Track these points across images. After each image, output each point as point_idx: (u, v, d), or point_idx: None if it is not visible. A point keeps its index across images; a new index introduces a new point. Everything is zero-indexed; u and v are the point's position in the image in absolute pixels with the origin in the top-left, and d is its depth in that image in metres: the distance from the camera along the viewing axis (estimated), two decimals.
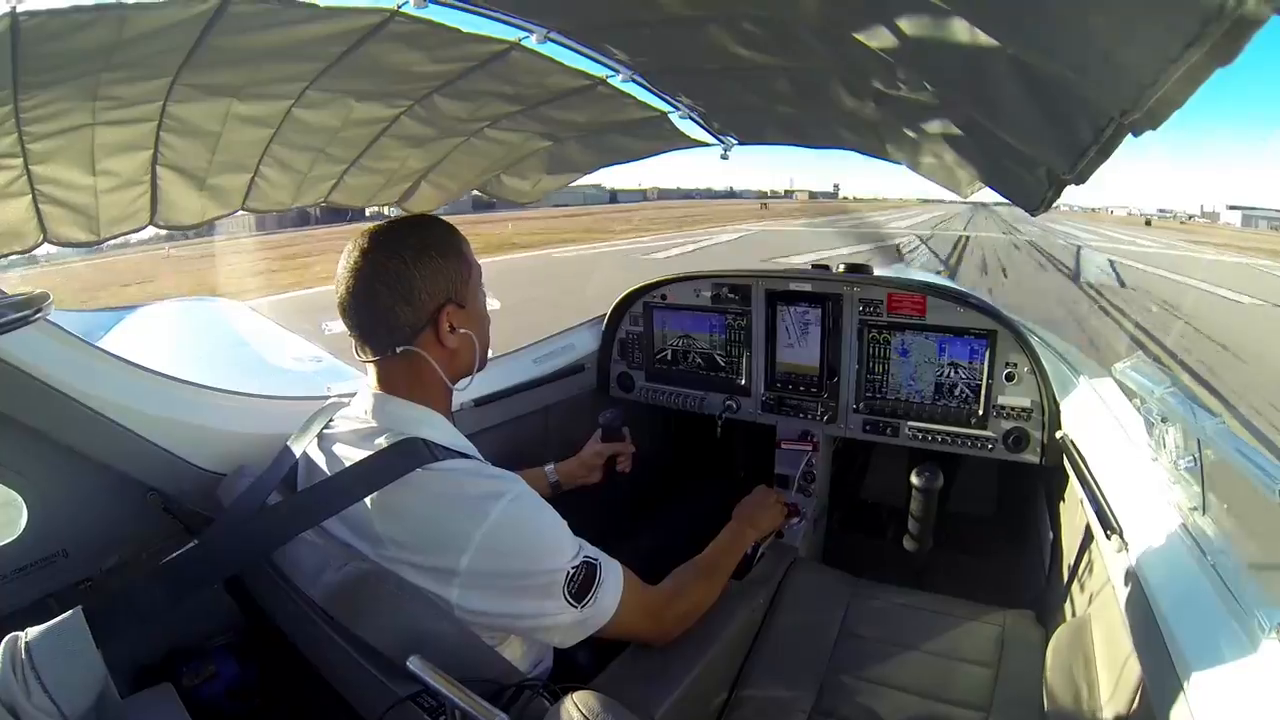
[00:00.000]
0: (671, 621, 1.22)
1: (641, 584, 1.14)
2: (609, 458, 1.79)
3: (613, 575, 1.06)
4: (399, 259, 1.00)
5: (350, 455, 1.04)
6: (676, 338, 2.41)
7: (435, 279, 1.03)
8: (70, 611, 0.78)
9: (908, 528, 1.93)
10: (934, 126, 1.21)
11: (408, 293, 1.01)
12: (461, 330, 1.07)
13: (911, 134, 1.33)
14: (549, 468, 1.75)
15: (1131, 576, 1.05)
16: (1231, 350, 9.51)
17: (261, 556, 1.01)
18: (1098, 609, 1.28)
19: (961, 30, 0.69)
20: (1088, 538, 1.43)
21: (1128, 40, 0.55)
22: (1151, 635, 0.91)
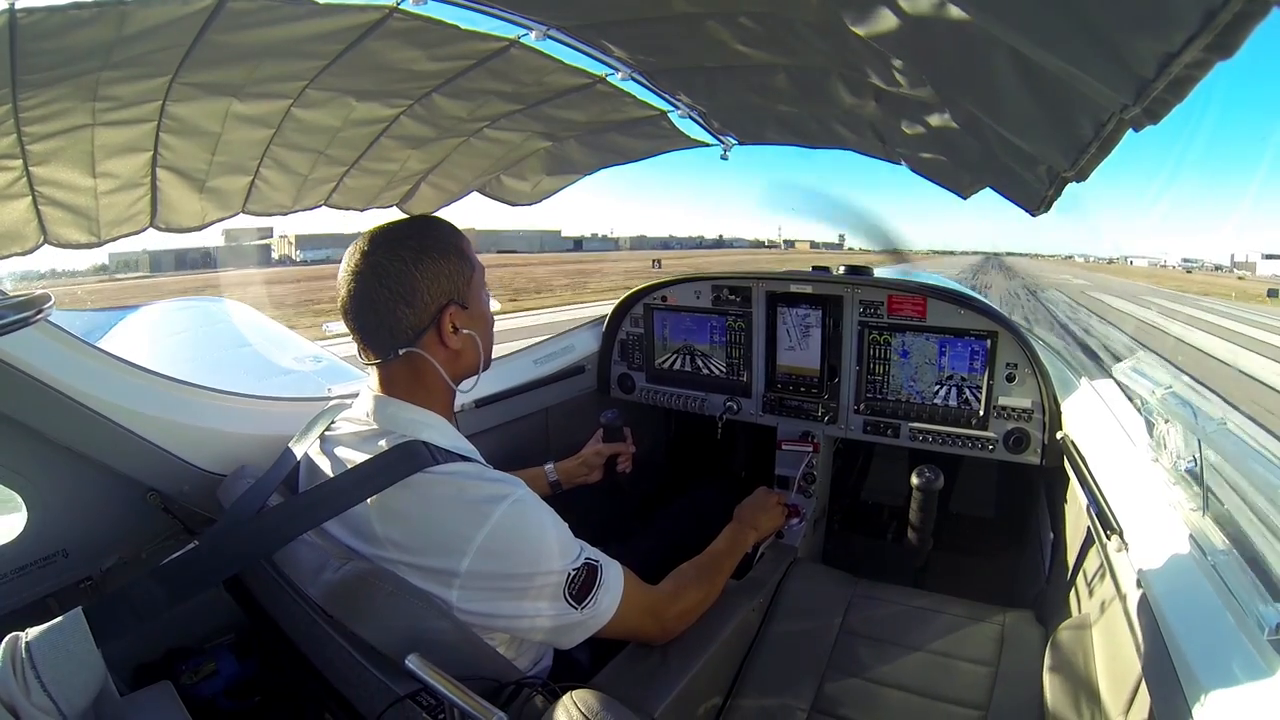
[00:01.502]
0: (672, 621, 1.22)
1: (642, 584, 1.14)
2: (609, 457, 1.79)
3: (614, 576, 1.06)
4: (399, 260, 0.99)
5: (351, 457, 1.03)
6: (677, 340, 2.41)
7: (436, 279, 1.02)
8: (70, 612, 0.78)
9: (908, 529, 1.93)
10: (934, 124, 1.21)
11: (409, 294, 1.00)
12: (464, 331, 1.06)
13: (911, 132, 1.33)
14: (548, 467, 1.74)
15: (1132, 577, 1.05)
16: None
17: (261, 557, 1.00)
18: (1098, 609, 1.28)
19: (962, 26, 0.69)
20: (1088, 538, 1.42)
21: (1129, 35, 0.54)
22: (1151, 635, 0.91)
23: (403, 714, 0.85)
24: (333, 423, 1.13)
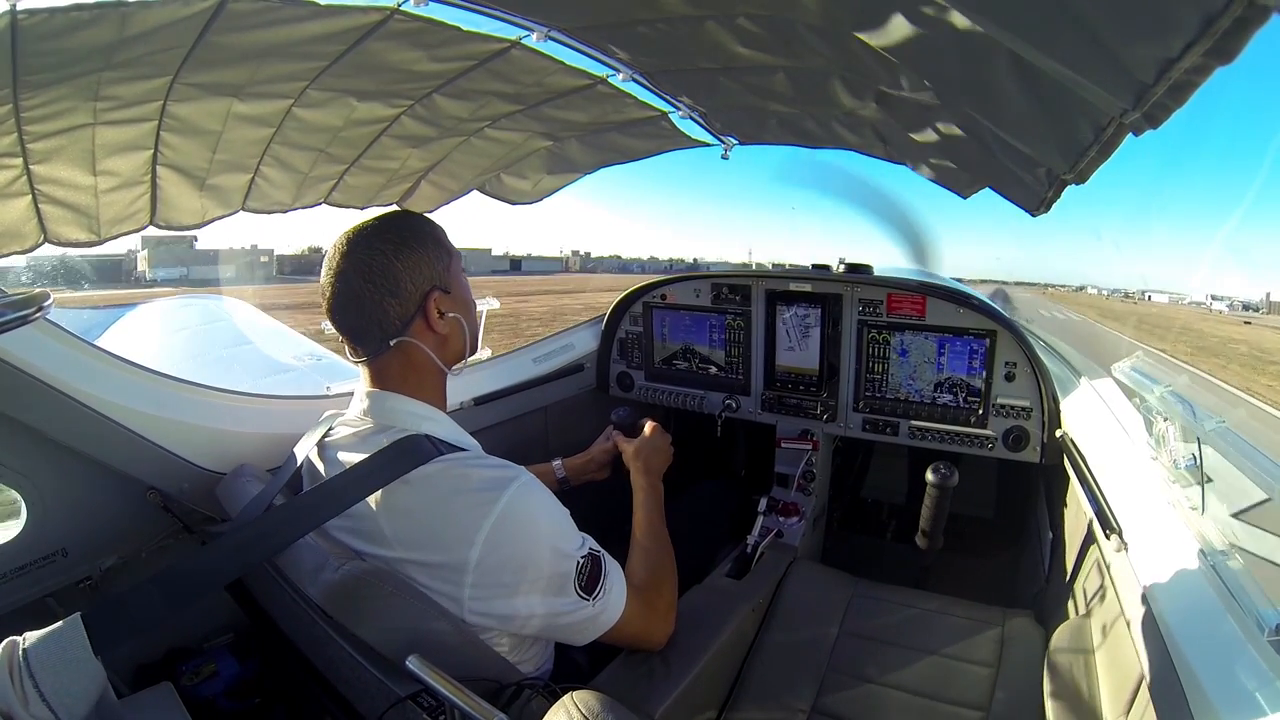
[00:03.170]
0: (662, 616, 1.21)
1: (633, 586, 1.14)
2: (618, 455, 1.79)
3: (616, 570, 1.07)
4: (380, 254, 1.00)
5: (352, 459, 1.03)
6: (676, 338, 2.41)
7: (417, 268, 1.03)
8: (69, 619, 0.77)
9: (920, 525, 1.90)
10: (935, 125, 1.21)
11: (393, 286, 1.01)
12: (450, 315, 1.07)
13: (912, 134, 1.33)
14: (556, 463, 1.74)
15: (1131, 576, 1.05)
16: None
17: (264, 559, 1.00)
18: (1097, 609, 1.28)
19: (962, 29, 0.69)
20: (1088, 538, 1.42)
21: (1129, 40, 0.55)
22: (1151, 635, 0.91)
23: (403, 715, 0.85)
24: (330, 429, 1.13)
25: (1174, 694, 0.80)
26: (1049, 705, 1.21)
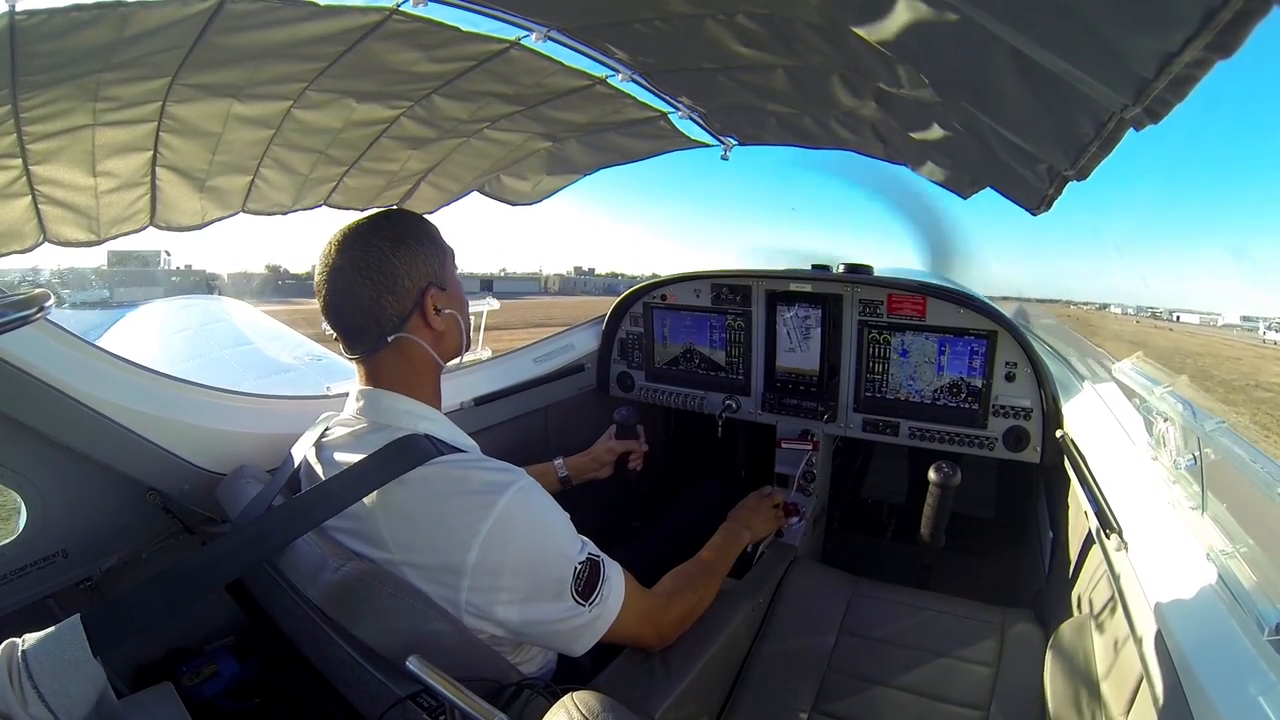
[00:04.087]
0: (668, 626, 1.22)
1: (640, 588, 1.13)
2: (621, 455, 1.79)
3: (615, 572, 1.06)
4: (376, 250, 1.01)
5: (349, 459, 1.03)
6: (676, 339, 2.41)
7: (414, 264, 1.03)
8: (68, 620, 0.77)
9: (921, 524, 1.90)
10: (934, 124, 1.20)
11: (391, 282, 1.01)
12: (446, 311, 1.07)
13: (911, 132, 1.33)
14: (558, 462, 1.73)
15: (1131, 576, 1.05)
16: None
17: (261, 560, 1.00)
18: (1098, 608, 1.28)
19: (961, 25, 0.69)
20: (1088, 537, 1.42)
21: (1129, 34, 0.54)
22: (1152, 634, 0.91)
23: (403, 715, 0.85)
24: (327, 429, 1.13)
25: (1175, 693, 0.80)
26: (1049, 705, 1.21)
